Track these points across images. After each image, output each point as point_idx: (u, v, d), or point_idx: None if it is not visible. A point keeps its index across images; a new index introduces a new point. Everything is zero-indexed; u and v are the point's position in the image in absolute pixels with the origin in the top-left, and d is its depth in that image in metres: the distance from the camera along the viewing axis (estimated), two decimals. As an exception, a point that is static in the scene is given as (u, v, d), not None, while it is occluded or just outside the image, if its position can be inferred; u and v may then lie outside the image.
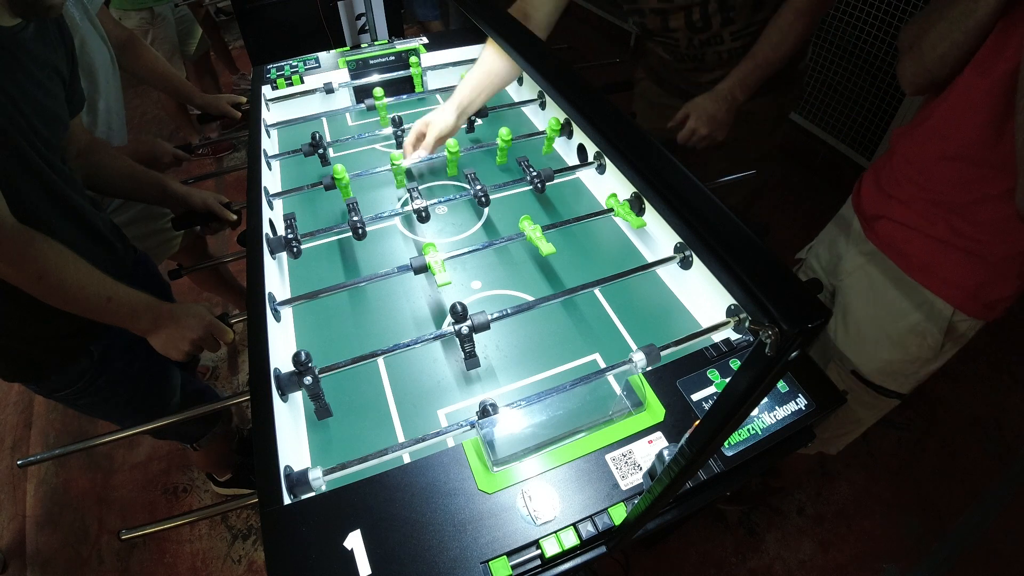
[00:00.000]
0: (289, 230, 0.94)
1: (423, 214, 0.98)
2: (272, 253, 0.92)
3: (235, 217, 1.14)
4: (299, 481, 0.61)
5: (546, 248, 0.88)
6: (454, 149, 1.09)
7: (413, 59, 1.36)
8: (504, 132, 1.11)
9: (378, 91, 1.27)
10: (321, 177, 1.05)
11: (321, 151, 1.14)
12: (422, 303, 0.92)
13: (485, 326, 0.75)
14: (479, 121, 1.30)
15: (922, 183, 0.87)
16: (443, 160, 1.14)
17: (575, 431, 0.67)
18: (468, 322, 0.74)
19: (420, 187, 1.10)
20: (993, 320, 0.90)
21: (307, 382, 0.69)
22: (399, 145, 1.19)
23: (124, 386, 1.04)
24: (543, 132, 1.20)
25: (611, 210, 0.99)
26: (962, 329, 0.91)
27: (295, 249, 0.92)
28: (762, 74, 1.08)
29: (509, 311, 0.78)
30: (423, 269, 0.85)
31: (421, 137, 1.07)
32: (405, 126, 1.22)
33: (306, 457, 0.72)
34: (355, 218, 0.94)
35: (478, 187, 1.01)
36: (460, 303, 0.74)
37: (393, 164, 1.06)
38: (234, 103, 1.45)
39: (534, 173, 1.04)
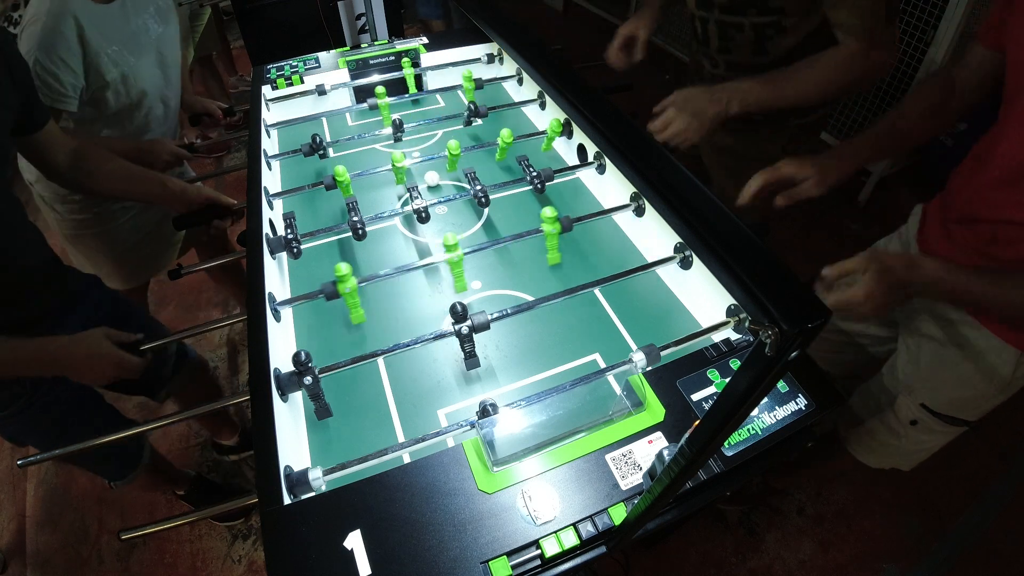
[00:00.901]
0: (289, 230, 0.94)
1: (423, 214, 0.98)
2: (272, 253, 0.92)
3: (235, 202, 1.13)
4: (299, 481, 0.61)
5: (553, 257, 0.92)
6: (455, 152, 1.09)
7: (405, 60, 1.36)
8: (505, 133, 1.11)
9: (380, 89, 1.27)
10: (321, 177, 1.05)
11: (321, 152, 1.14)
12: (422, 303, 0.92)
13: (485, 326, 0.75)
14: (479, 121, 1.30)
15: (979, 220, 0.86)
16: (444, 161, 1.14)
17: (575, 431, 0.67)
18: (468, 322, 0.74)
19: (420, 186, 1.10)
20: None
21: (307, 382, 0.69)
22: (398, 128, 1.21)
23: (50, 417, 1.03)
24: (543, 132, 1.20)
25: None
26: None
27: (295, 249, 0.92)
28: (766, 98, 0.99)
29: (509, 311, 0.78)
30: (335, 296, 0.83)
31: (628, 42, 1.17)
32: (406, 127, 1.22)
33: (306, 457, 0.72)
34: (355, 218, 0.94)
35: (478, 187, 1.01)
36: (460, 303, 0.74)
37: (395, 166, 1.06)
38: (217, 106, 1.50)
39: (534, 173, 1.04)
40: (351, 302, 0.84)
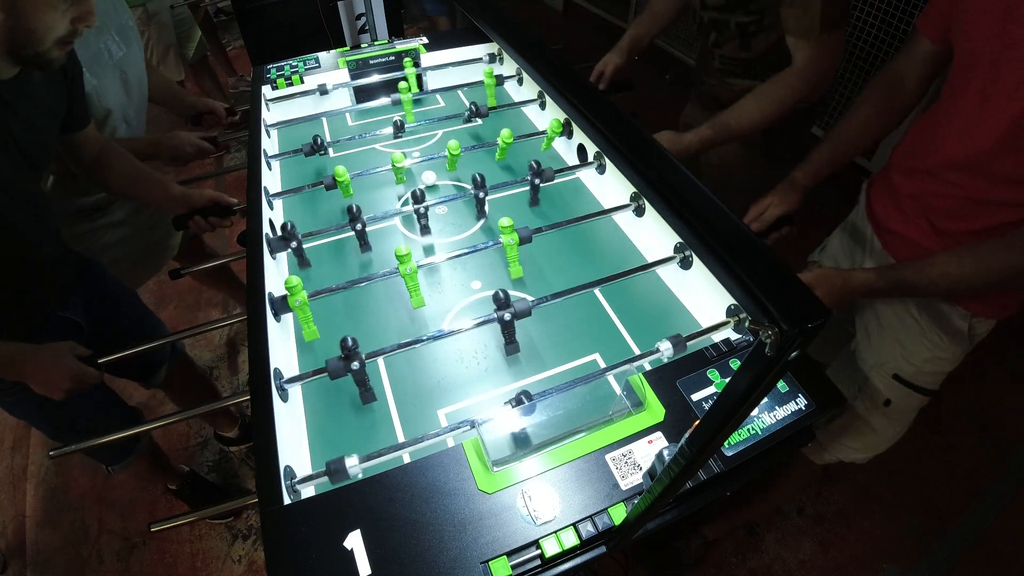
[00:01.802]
0: (293, 241, 0.94)
1: (423, 214, 0.98)
2: (272, 253, 0.92)
3: (236, 200, 1.14)
4: (338, 469, 0.61)
5: (515, 271, 0.92)
6: (456, 152, 1.09)
7: (407, 60, 1.36)
8: (506, 134, 1.11)
9: (403, 85, 1.27)
10: (321, 177, 1.05)
11: (321, 152, 1.14)
12: (424, 303, 0.92)
13: (527, 312, 0.77)
14: (479, 121, 1.30)
15: (926, 195, 0.89)
16: (444, 161, 1.14)
17: (575, 431, 0.67)
18: (511, 309, 0.77)
19: (420, 187, 1.10)
20: (1007, 317, 0.93)
21: (354, 367, 0.70)
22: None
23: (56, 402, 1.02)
24: (543, 132, 1.20)
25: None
26: (979, 330, 0.95)
27: (303, 258, 0.93)
28: (716, 135, 1.11)
29: (533, 301, 0.78)
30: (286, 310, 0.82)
31: (599, 76, 1.32)
32: (406, 127, 1.22)
33: (306, 457, 0.72)
34: (358, 227, 0.95)
35: (481, 193, 1.01)
36: (503, 291, 0.76)
37: (395, 166, 1.06)
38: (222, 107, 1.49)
39: (536, 182, 1.04)
40: (302, 316, 0.83)
